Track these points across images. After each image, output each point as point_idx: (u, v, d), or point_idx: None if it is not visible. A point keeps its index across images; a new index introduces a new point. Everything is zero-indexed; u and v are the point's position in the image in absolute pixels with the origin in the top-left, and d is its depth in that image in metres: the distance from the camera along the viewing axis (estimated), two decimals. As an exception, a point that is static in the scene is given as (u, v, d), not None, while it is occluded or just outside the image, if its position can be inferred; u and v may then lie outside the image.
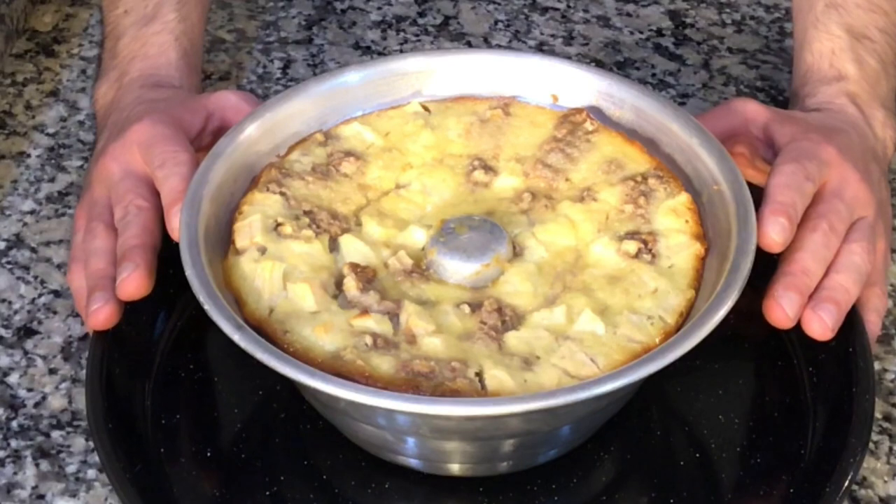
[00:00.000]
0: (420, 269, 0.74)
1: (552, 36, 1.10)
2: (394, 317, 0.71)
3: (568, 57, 1.06)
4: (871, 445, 0.76)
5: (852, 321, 0.77)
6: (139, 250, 0.76)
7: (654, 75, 1.05)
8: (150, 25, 0.91)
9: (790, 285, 0.74)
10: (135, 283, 0.75)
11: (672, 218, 0.76)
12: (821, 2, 0.90)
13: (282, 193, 0.77)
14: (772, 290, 0.75)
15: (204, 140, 0.84)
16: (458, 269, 0.73)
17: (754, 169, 0.84)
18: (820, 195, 0.77)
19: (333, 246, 0.75)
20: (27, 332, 0.84)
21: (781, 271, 0.75)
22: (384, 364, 0.68)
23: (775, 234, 0.74)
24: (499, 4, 1.13)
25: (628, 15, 1.12)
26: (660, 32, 1.10)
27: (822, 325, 0.74)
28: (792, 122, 0.83)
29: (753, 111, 0.84)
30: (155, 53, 0.90)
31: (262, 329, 0.70)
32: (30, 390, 0.80)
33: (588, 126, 0.81)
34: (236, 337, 0.67)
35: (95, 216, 0.81)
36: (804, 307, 0.75)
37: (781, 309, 0.74)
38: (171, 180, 0.78)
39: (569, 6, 1.13)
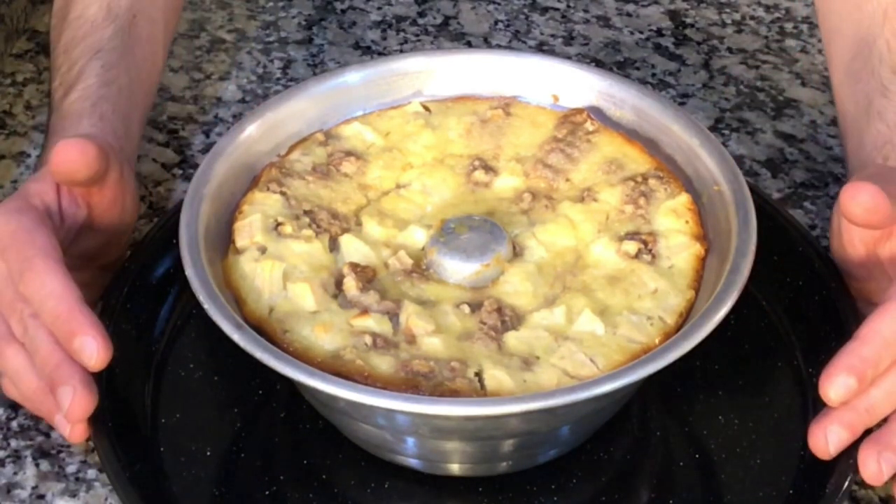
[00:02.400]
0: (420, 269, 0.74)
1: (552, 36, 1.10)
2: (393, 317, 0.71)
3: (568, 57, 1.06)
4: (871, 446, 0.76)
5: (852, 322, 0.77)
6: (64, 367, 0.70)
7: (654, 75, 1.05)
8: (70, 95, 0.83)
9: (844, 421, 0.69)
10: (82, 405, 0.69)
11: (672, 218, 0.76)
12: (885, 68, 0.83)
13: (282, 193, 0.77)
14: (824, 416, 0.69)
15: (63, 210, 0.76)
16: (458, 269, 0.73)
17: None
18: None
19: (333, 246, 0.75)
20: (27, 331, 0.84)
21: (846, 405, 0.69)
22: (383, 364, 0.68)
23: (834, 394, 0.68)
24: (499, 4, 1.13)
25: (628, 15, 1.12)
26: (660, 32, 1.10)
27: (877, 473, 0.68)
28: None
29: None
30: (68, 126, 0.81)
31: (261, 328, 0.70)
32: (30, 390, 0.80)
33: (588, 126, 0.81)
34: (236, 336, 0.67)
35: None
36: (852, 441, 0.69)
37: (825, 442, 0.69)
38: (47, 306, 0.70)
39: (569, 6, 1.13)
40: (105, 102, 0.82)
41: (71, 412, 0.69)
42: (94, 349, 0.69)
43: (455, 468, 0.73)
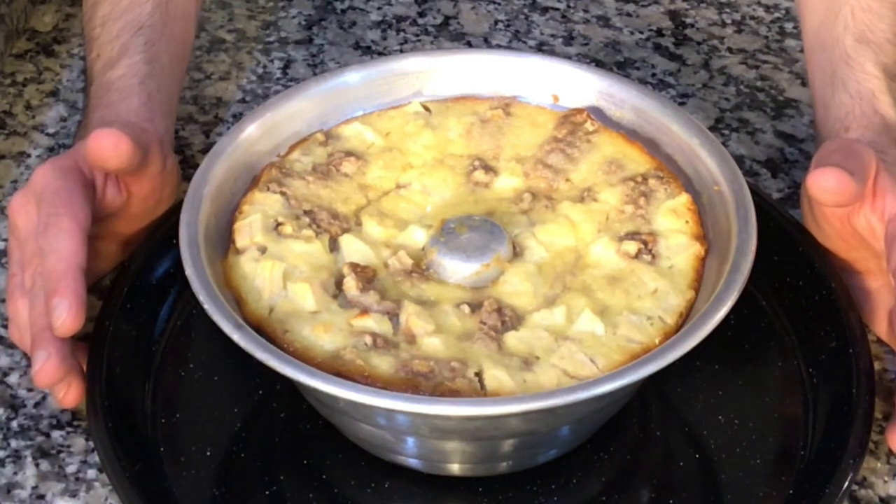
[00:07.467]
0: (420, 269, 0.74)
1: (552, 36, 1.10)
2: (394, 317, 0.71)
3: (568, 57, 1.06)
4: (871, 445, 0.76)
5: (852, 322, 0.77)
6: (48, 333, 0.73)
7: (654, 75, 1.05)
8: (115, 69, 0.85)
9: None
10: (50, 372, 0.73)
11: (672, 218, 0.76)
12: (848, 36, 0.84)
13: (282, 193, 0.77)
14: None
15: (105, 189, 0.79)
16: (458, 269, 0.73)
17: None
18: None
19: (333, 246, 0.75)
20: (27, 331, 0.84)
21: None
22: (384, 364, 0.68)
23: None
24: (499, 4, 1.13)
25: (628, 15, 1.12)
26: (660, 32, 1.10)
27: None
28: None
29: (871, 159, 0.76)
30: (116, 100, 0.84)
31: (261, 329, 0.70)
32: (30, 390, 0.80)
33: (588, 126, 0.81)
34: (236, 336, 0.67)
35: (11, 278, 0.78)
36: None
37: None
38: (49, 260, 0.74)
39: (569, 6, 1.13)
40: (151, 80, 0.85)
41: (39, 376, 0.74)
42: (64, 313, 0.72)
43: (455, 468, 0.73)
